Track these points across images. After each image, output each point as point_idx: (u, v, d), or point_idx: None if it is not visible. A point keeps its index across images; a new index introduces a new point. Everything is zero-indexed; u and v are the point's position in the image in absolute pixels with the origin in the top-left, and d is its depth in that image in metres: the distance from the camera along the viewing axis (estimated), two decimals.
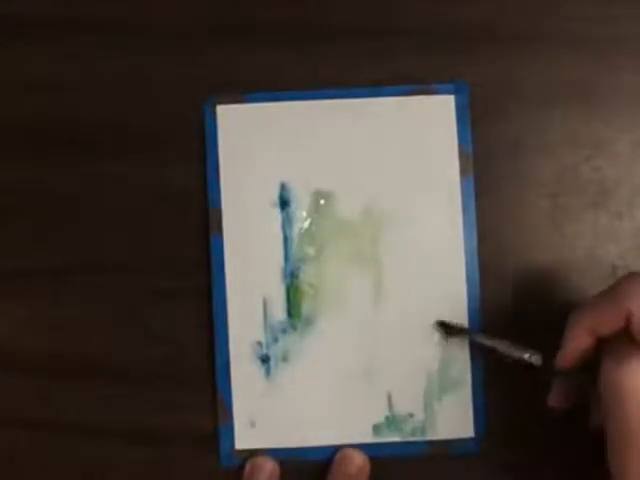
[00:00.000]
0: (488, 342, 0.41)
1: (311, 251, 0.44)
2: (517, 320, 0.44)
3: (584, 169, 0.44)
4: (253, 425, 0.43)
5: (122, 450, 0.44)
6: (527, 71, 0.44)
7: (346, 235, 0.44)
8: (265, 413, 0.43)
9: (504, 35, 0.45)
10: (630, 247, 0.44)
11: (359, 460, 0.42)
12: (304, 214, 0.44)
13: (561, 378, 0.39)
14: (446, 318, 0.43)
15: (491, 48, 0.44)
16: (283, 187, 0.44)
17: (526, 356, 0.40)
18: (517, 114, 0.44)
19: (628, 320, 0.33)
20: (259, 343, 0.43)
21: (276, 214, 0.44)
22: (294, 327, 0.43)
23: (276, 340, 0.43)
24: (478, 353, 0.43)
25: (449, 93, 0.44)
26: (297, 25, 0.45)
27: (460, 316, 0.43)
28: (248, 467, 0.43)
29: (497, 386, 0.43)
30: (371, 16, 0.45)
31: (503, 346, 0.40)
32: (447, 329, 0.43)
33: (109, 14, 0.45)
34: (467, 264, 0.43)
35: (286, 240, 0.44)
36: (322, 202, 0.44)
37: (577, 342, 0.36)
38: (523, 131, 0.44)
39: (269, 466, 0.43)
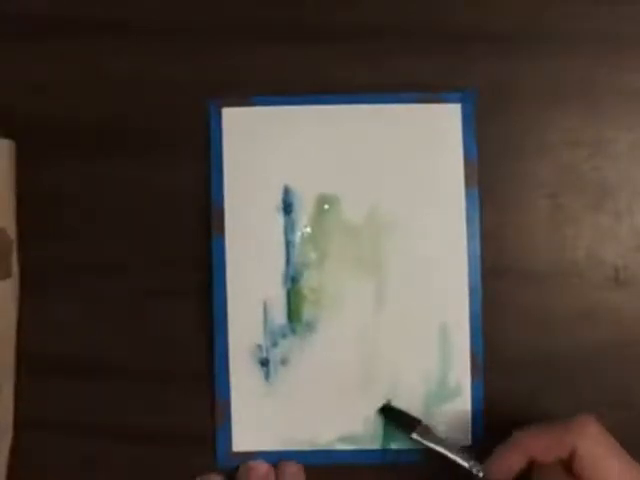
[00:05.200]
0: (430, 443, 0.41)
1: (313, 256, 0.43)
2: (518, 320, 0.44)
3: (584, 169, 0.44)
4: (250, 427, 0.43)
5: (120, 449, 0.44)
6: (527, 72, 0.44)
7: (349, 240, 0.43)
8: (263, 416, 0.43)
9: (503, 36, 0.44)
10: (630, 247, 0.44)
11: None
12: (307, 218, 0.43)
13: None
14: (448, 323, 0.43)
15: (490, 50, 0.44)
16: (287, 191, 0.43)
17: (468, 465, 0.39)
18: (517, 115, 0.44)
19: (571, 455, 0.36)
20: (259, 346, 0.43)
21: (279, 218, 0.43)
22: (294, 331, 0.43)
23: (275, 344, 0.43)
24: (478, 363, 0.43)
25: (456, 102, 0.43)
26: (303, 27, 0.44)
27: (462, 321, 0.43)
28: (241, 469, 0.43)
29: (495, 395, 0.43)
30: (373, 18, 0.44)
31: (446, 450, 0.40)
32: (391, 415, 0.43)
33: (111, 14, 0.44)
34: (469, 270, 0.43)
35: (288, 244, 0.43)
36: (326, 207, 0.43)
37: (511, 459, 0.38)
38: (523, 132, 0.44)
39: (264, 469, 0.42)
